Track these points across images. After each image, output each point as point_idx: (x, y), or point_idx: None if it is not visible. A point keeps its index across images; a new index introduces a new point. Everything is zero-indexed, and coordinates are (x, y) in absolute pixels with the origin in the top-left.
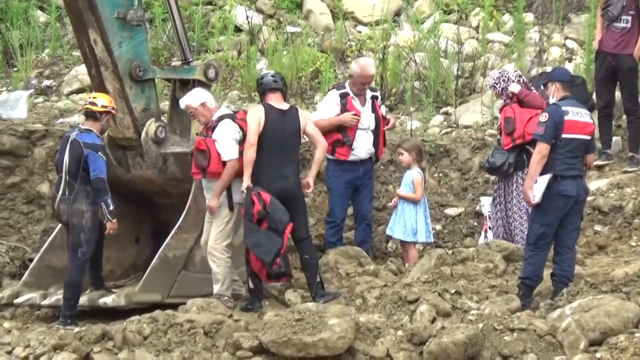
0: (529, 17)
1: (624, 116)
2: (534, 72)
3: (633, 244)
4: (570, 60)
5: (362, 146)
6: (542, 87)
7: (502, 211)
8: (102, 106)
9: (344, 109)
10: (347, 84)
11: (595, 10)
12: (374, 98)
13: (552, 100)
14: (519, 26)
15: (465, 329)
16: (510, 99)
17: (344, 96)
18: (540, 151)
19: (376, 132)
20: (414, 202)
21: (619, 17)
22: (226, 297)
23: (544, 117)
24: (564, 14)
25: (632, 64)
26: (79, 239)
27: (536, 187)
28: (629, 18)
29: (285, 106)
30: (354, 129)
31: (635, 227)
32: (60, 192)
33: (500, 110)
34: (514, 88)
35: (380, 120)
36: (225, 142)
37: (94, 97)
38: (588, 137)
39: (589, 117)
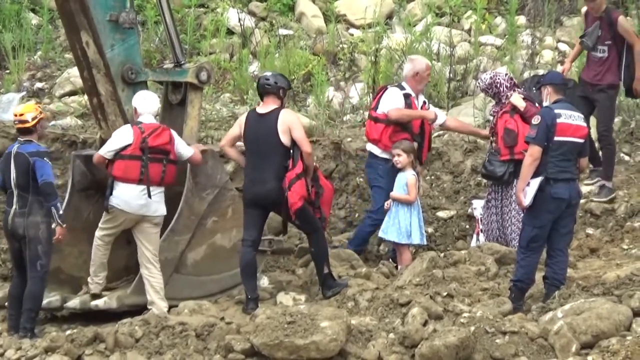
0: (522, 20)
1: None
2: (526, 74)
3: (625, 247)
4: (562, 63)
5: None
6: (534, 89)
7: (497, 214)
8: (32, 119)
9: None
10: (405, 85)
11: None
12: (424, 102)
13: (545, 104)
14: (511, 29)
15: (457, 331)
16: (512, 108)
17: (407, 97)
18: (533, 154)
19: (422, 135)
20: (408, 203)
21: (594, 47)
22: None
23: (536, 119)
24: (556, 17)
25: (609, 95)
26: (36, 251)
27: (528, 189)
28: (605, 48)
29: (266, 110)
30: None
31: (627, 230)
32: (14, 207)
33: (500, 115)
34: (518, 102)
35: (425, 124)
36: (109, 141)
37: (20, 115)
38: (581, 141)
39: (582, 121)
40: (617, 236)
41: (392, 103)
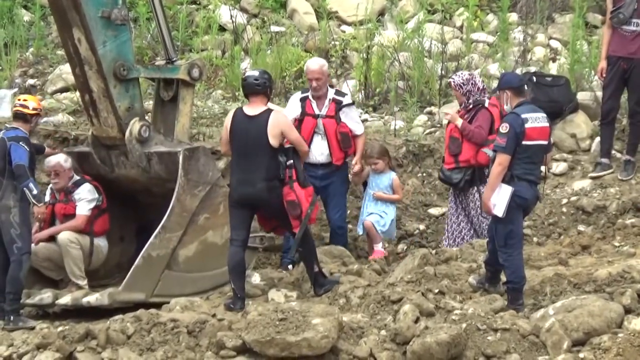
0: (513, 17)
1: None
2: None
3: (616, 244)
4: (554, 60)
5: (316, 150)
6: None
7: (467, 216)
8: (33, 109)
9: (303, 111)
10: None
11: (579, 11)
12: (335, 102)
13: (507, 108)
14: (503, 26)
15: (449, 328)
16: (465, 109)
17: (303, 100)
18: (502, 162)
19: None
20: (393, 202)
21: (629, 20)
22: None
23: (504, 128)
24: (548, 14)
25: None
26: (10, 235)
27: (499, 198)
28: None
29: (255, 111)
30: (308, 132)
31: (618, 227)
32: None
33: (447, 123)
34: (455, 120)
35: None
36: None
37: (24, 100)
38: (546, 142)
39: (546, 120)
40: (609, 233)
41: (287, 109)
